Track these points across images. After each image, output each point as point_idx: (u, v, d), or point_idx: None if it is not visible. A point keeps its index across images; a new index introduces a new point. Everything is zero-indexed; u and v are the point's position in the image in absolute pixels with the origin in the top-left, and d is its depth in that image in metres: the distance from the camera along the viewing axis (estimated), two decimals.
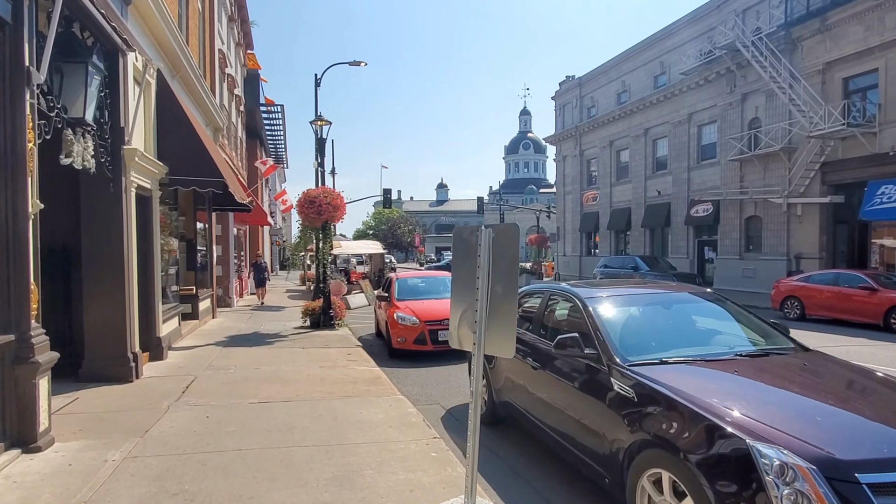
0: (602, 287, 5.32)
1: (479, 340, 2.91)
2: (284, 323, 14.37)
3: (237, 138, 21.40)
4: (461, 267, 3.19)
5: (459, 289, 3.18)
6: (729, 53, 24.41)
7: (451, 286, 3.26)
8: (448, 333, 9.75)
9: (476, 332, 2.92)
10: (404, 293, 11.38)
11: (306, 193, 12.25)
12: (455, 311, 3.21)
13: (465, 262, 3.11)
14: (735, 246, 25.32)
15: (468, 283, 3.04)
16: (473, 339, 2.94)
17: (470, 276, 3.00)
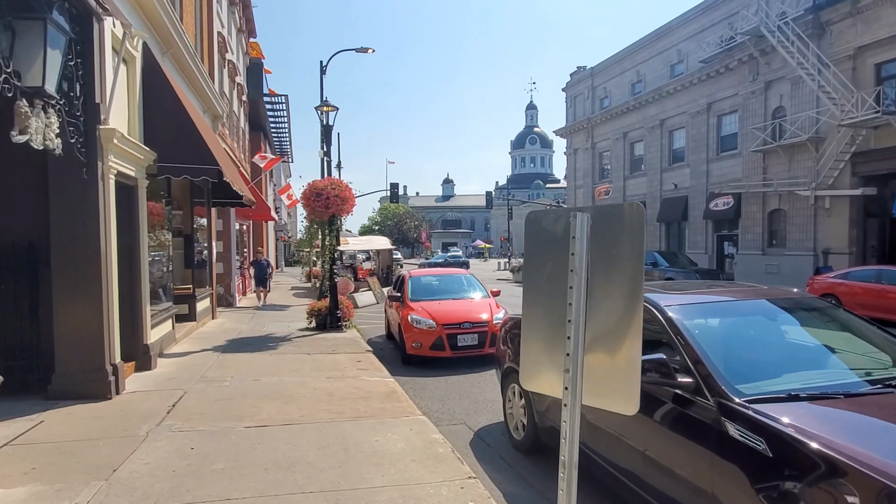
0: (676, 293, 4.32)
1: (574, 385, 1.88)
2: (288, 324, 13.43)
3: (239, 129, 20.44)
4: (538, 272, 2.17)
5: (537, 306, 2.15)
6: (752, 39, 23.26)
7: (523, 299, 2.24)
8: (464, 339, 8.83)
9: (570, 371, 1.90)
10: (419, 293, 10.42)
11: (312, 185, 11.29)
12: (531, 338, 2.18)
13: (544, 265, 2.10)
14: (757, 241, 24.22)
15: (553, 297, 2.03)
16: (565, 383, 1.92)
17: (556, 286, 1.99)
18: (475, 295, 10.59)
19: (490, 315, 9.43)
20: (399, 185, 42.10)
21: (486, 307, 9.78)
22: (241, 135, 21.39)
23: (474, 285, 11.00)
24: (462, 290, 10.81)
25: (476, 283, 11.14)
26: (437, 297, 10.31)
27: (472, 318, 9.29)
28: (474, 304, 10.02)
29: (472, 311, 9.52)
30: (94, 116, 6.10)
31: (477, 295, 10.58)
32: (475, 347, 9.13)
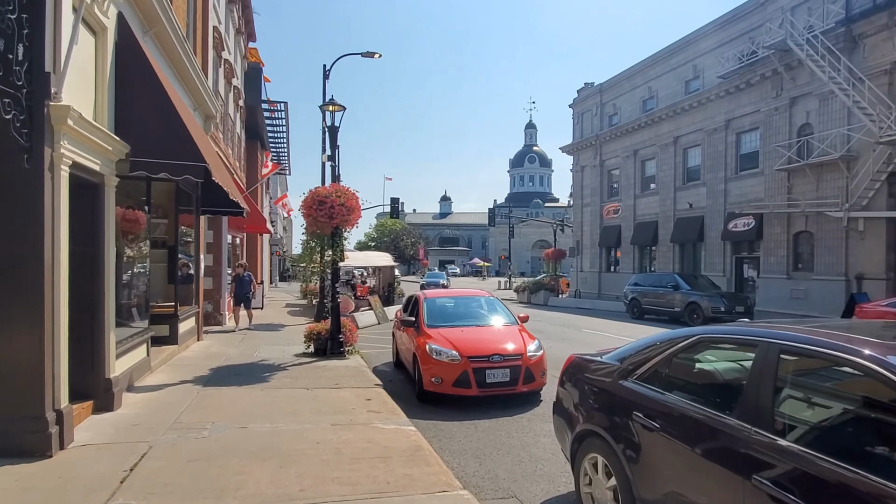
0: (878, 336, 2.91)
1: None
2: (283, 347, 11.93)
3: (235, 135, 19.12)
4: None
5: None
6: (777, 53, 22.23)
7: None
8: (494, 374, 7.36)
9: None
10: (436, 318, 8.97)
11: (314, 192, 9.90)
12: None
13: None
14: (781, 264, 22.91)
15: None
16: None
17: None
18: (501, 321, 9.15)
19: (523, 346, 7.99)
20: (399, 199, 40.89)
21: (516, 336, 8.34)
22: (237, 142, 20.07)
23: (499, 310, 9.57)
24: (485, 316, 9.37)
25: (501, 306, 9.71)
26: (457, 323, 8.86)
27: (502, 349, 7.84)
28: (502, 332, 8.58)
29: (501, 341, 8.07)
30: (43, 89, 4.71)
31: (503, 321, 9.14)
32: (507, 385, 7.67)
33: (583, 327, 18.07)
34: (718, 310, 18.55)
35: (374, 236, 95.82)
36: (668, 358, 3.54)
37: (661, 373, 3.55)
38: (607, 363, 4.22)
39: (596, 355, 4.60)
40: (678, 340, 3.54)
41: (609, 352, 4.64)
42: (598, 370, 4.27)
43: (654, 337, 4.03)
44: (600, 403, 3.98)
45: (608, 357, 4.34)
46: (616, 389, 3.84)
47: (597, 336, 15.82)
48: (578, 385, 4.37)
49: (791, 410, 2.74)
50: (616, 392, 3.83)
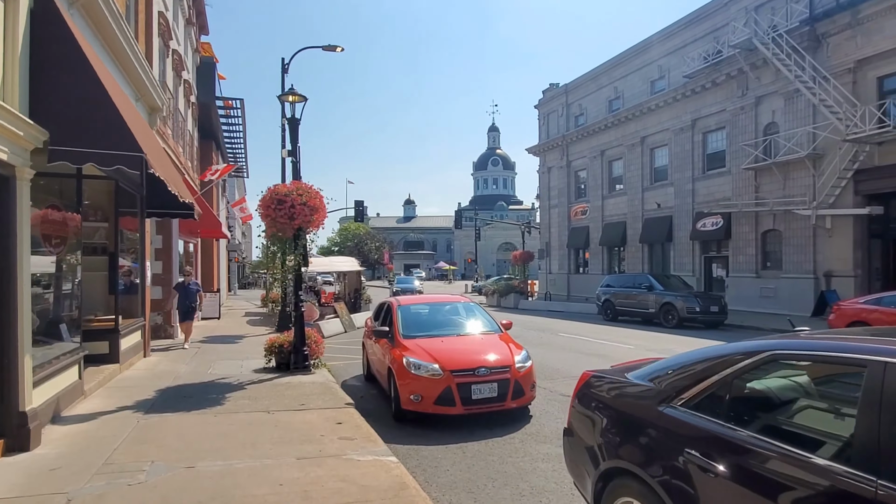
0: None
1: None
2: (241, 363, 10.85)
3: (186, 133, 17.81)
4: None
5: None
6: (742, 53, 22.31)
7: None
8: (480, 389, 6.47)
9: None
10: (412, 327, 8.11)
11: (273, 190, 8.92)
12: None
13: None
14: (750, 263, 22.97)
15: None
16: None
17: None
18: (483, 329, 8.36)
19: (510, 357, 7.22)
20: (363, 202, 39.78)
21: (502, 346, 7.57)
22: (189, 140, 18.75)
23: (480, 316, 8.78)
24: (465, 323, 8.57)
25: (481, 312, 8.93)
26: (435, 333, 8.03)
27: (488, 361, 7.05)
28: (486, 341, 7.79)
29: (485, 352, 7.29)
30: None
31: (485, 329, 8.35)
32: (494, 401, 6.88)
33: (558, 331, 17.50)
34: (693, 310, 18.29)
35: (338, 241, 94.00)
36: (727, 380, 2.81)
37: (720, 398, 2.82)
38: (636, 383, 3.48)
39: (618, 372, 3.86)
40: (739, 357, 2.81)
41: (631, 368, 3.90)
42: (625, 392, 3.52)
43: (699, 352, 3.30)
44: (634, 435, 3.22)
45: (635, 375, 3.60)
46: (656, 418, 3.09)
47: (575, 340, 15.25)
48: (601, 410, 3.61)
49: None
50: (656, 421, 3.08)
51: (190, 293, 12.95)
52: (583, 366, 11.26)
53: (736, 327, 18.61)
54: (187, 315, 12.89)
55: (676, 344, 14.26)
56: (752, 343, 2.94)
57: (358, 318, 19.66)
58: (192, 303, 12.96)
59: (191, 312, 12.97)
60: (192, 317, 13.08)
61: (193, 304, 12.99)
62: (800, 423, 2.56)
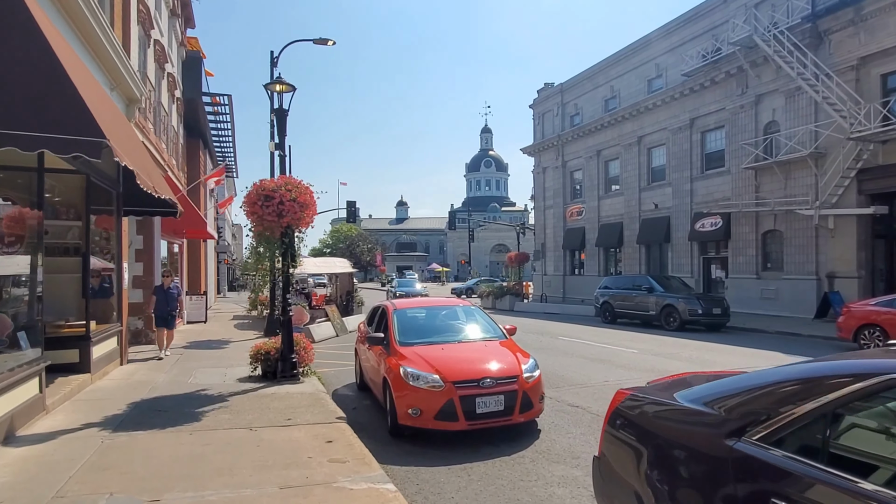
0: None
1: None
2: (225, 371, 10.16)
3: (170, 129, 17.07)
4: None
5: None
6: (742, 50, 21.88)
7: None
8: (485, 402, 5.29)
9: None
10: (409, 333, 7.47)
11: (259, 185, 8.26)
12: None
13: None
14: (750, 264, 22.53)
15: None
16: None
17: None
18: (485, 335, 7.73)
19: (517, 366, 6.60)
20: (356, 203, 39.14)
21: (507, 353, 6.95)
22: (174, 137, 17.99)
23: (481, 321, 8.15)
24: (466, 329, 7.93)
25: (483, 317, 8.30)
26: (435, 339, 7.39)
27: (492, 370, 6.43)
28: (490, 348, 7.16)
29: (490, 361, 6.66)
30: None
31: (488, 335, 7.72)
32: (501, 415, 6.26)
33: (557, 334, 16.92)
34: (695, 312, 17.77)
35: (330, 242, 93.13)
36: (826, 409, 2.19)
37: (816, 434, 2.20)
38: (689, 408, 2.86)
39: (660, 391, 3.24)
40: (843, 380, 2.20)
41: (675, 385, 3.29)
42: (675, 418, 2.90)
43: (775, 372, 2.68)
44: (695, 476, 2.61)
45: (685, 397, 2.98)
46: (724, 455, 2.47)
47: (576, 344, 14.66)
48: (644, 439, 2.99)
49: None
50: (725, 460, 2.46)
51: (170, 298, 11.45)
52: (589, 372, 10.74)
53: (739, 329, 18.11)
54: (166, 322, 11.46)
55: (681, 347, 13.72)
56: (860, 362, 2.33)
57: (350, 322, 18.98)
58: (173, 309, 11.48)
59: (170, 320, 11.57)
60: (172, 324, 11.67)
61: (174, 311, 11.52)
62: None
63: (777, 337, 16.21)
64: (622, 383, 9.46)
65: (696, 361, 11.64)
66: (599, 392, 8.70)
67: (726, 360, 11.64)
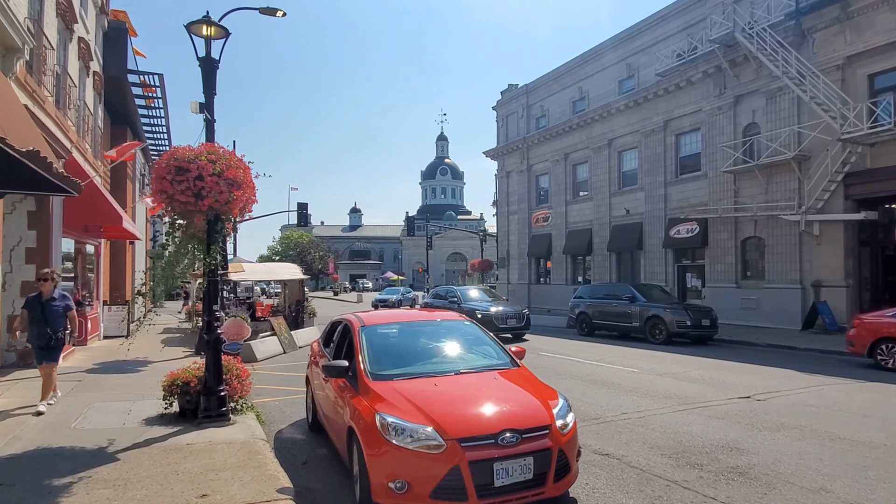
0: None
1: None
2: (131, 405, 7.70)
3: (83, 108, 14.29)
4: None
5: None
6: (721, 48, 20.90)
7: None
8: (506, 469, 3.55)
9: None
10: (384, 360, 5.32)
11: (172, 154, 5.94)
12: None
13: None
14: (729, 272, 21.45)
15: None
16: None
17: None
18: (489, 361, 5.62)
19: (546, 410, 4.56)
20: (308, 206, 36.55)
21: (525, 391, 4.90)
22: (89, 118, 15.17)
23: (481, 341, 6.07)
24: (463, 354, 5.82)
25: (482, 335, 6.21)
26: (421, 370, 5.25)
27: (513, 419, 4.36)
28: (501, 384, 5.07)
29: (506, 403, 4.59)
30: None
31: (493, 361, 5.63)
32: (530, 486, 4.19)
33: (537, 349, 15.03)
34: (684, 324, 16.30)
35: (279, 250, 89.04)
36: None
37: None
38: None
39: None
40: None
41: None
42: None
43: None
44: None
45: None
46: None
47: (564, 362, 12.82)
48: None
49: None
50: None
51: (51, 315, 7.27)
52: (597, 401, 8.44)
53: (726, 342, 16.79)
54: (48, 353, 7.32)
55: (683, 365, 12.07)
56: None
57: (300, 336, 16.55)
58: (58, 330, 7.33)
59: (54, 349, 7.36)
60: (55, 356, 7.43)
61: (60, 333, 7.34)
62: None
63: (773, 351, 14.89)
64: (644, 416, 7.50)
65: (712, 383, 9.95)
66: (624, 430, 6.80)
67: (744, 382, 10.00)
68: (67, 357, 11.86)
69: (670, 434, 6.64)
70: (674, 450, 6.03)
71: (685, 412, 7.78)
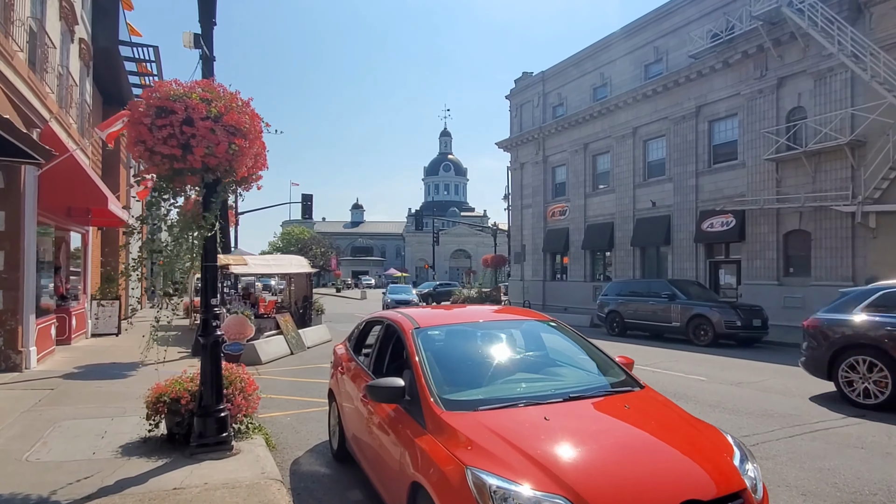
0: None
1: None
2: (107, 425, 6.13)
3: (65, 76, 12.69)
4: None
5: None
6: (765, 26, 19.24)
7: None
8: None
9: None
10: (460, 380, 3.70)
11: (154, 90, 4.33)
12: None
13: None
14: (770, 268, 19.84)
15: None
16: None
17: None
18: (603, 380, 3.98)
19: (726, 462, 2.95)
20: (312, 197, 35.05)
21: (685, 433, 3.26)
22: (70, 90, 13.55)
23: (580, 350, 4.42)
24: (565, 368, 4.17)
25: (580, 342, 4.55)
26: (517, 393, 3.61)
27: (690, 482, 2.75)
28: (640, 415, 3.41)
29: (664, 452, 2.98)
30: None
31: (608, 379, 3.99)
32: None
33: None
34: (734, 324, 14.73)
35: (280, 245, 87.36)
36: None
37: None
38: None
39: None
40: None
41: None
42: None
43: None
44: None
45: None
46: None
47: None
48: None
49: None
50: None
51: None
52: None
53: (776, 345, 15.23)
54: None
55: (754, 372, 10.48)
56: None
57: (308, 335, 14.95)
58: None
59: None
60: None
61: None
62: None
63: None
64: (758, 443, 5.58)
65: (802, 395, 8.36)
66: None
67: None
68: (44, 359, 10.27)
69: (812, 472, 5.05)
70: (838, 500, 4.43)
71: (806, 438, 6.18)
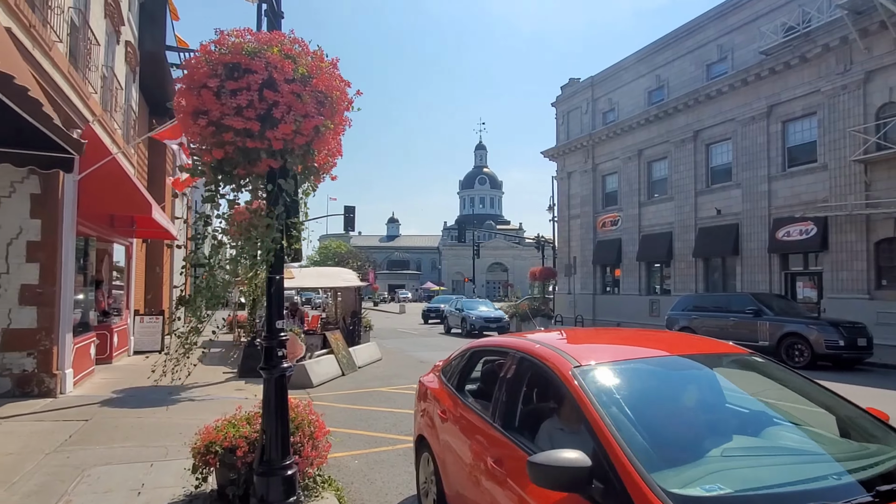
0: None
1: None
2: (145, 474, 5.10)
3: (109, 77, 12.04)
4: None
5: None
6: (850, 16, 17.53)
7: None
8: None
9: None
10: (677, 454, 2.42)
11: (219, 42, 3.28)
12: None
13: None
14: (859, 280, 17.88)
15: None
16: None
17: None
18: (886, 450, 2.69)
19: None
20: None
21: None
22: (115, 90, 12.91)
23: (810, 398, 3.14)
24: (815, 431, 2.88)
25: (809, 386, 3.28)
26: (775, 478, 2.32)
27: None
28: None
29: None
30: None
31: (867, 450, 2.70)
32: None
33: None
34: (835, 344, 12.98)
35: (317, 260, 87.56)
36: None
37: None
38: None
39: None
40: None
41: None
42: None
43: None
44: None
45: None
46: None
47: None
48: None
49: None
50: None
51: None
52: None
53: (883, 367, 13.40)
54: None
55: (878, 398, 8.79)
56: None
57: (359, 353, 13.85)
58: None
59: None
60: None
61: None
62: None
63: None
64: None
65: None
66: None
67: None
68: (82, 381, 9.41)
69: None
70: None
71: None
